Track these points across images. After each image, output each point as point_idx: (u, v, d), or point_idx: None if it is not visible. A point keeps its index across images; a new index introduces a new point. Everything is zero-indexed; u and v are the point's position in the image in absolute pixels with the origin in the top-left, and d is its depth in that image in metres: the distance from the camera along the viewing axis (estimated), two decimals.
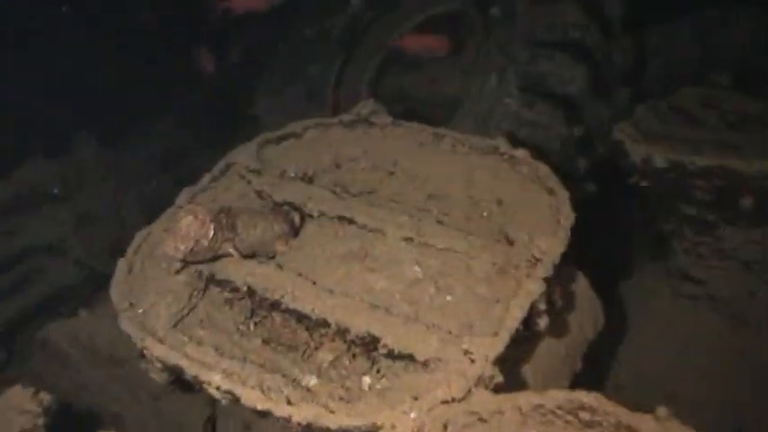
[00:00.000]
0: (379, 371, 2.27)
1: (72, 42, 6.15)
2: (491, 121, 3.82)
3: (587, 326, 2.87)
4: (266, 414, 2.17)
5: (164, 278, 2.64)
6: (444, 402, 2.04)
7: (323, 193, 2.86)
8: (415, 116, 3.28)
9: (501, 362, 2.15)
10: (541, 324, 2.34)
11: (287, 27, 5.24)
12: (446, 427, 1.96)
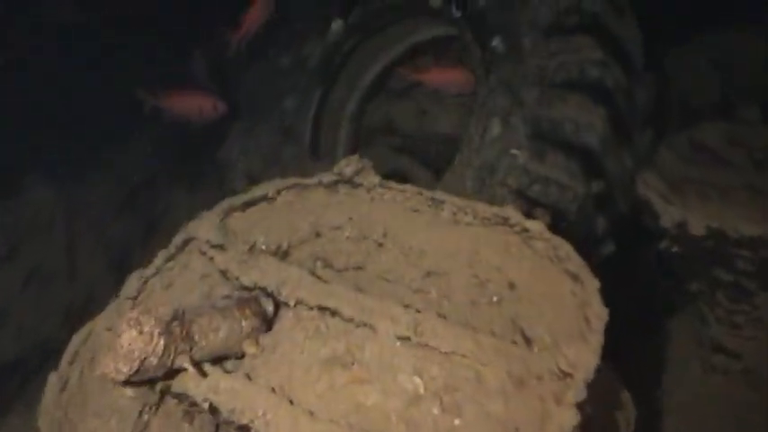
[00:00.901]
0: None
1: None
2: (495, 176, 3.26)
3: None
4: None
5: (107, 394, 2.16)
6: None
7: (300, 275, 2.39)
8: (405, 151, 2.82)
9: None
10: None
11: (259, 55, 4.75)
12: None
